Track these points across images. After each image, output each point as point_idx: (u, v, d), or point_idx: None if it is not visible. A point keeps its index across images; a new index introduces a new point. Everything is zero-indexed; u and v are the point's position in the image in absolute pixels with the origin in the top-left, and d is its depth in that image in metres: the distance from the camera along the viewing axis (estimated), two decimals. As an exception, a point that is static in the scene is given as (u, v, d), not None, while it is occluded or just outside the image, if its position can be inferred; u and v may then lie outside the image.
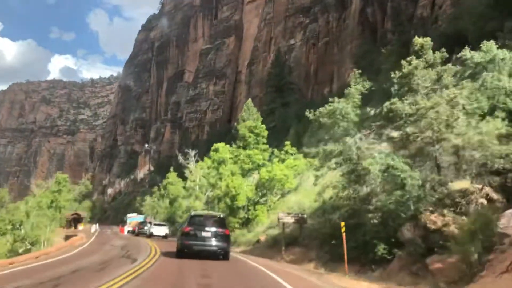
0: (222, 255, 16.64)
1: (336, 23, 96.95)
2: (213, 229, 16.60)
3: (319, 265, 16.10)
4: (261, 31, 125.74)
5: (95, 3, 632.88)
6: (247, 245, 24.36)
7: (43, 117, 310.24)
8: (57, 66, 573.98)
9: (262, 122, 43.38)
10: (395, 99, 15.18)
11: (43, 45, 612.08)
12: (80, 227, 67.76)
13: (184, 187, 49.46)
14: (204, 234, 16.40)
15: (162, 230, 39.76)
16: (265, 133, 31.84)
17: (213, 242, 16.39)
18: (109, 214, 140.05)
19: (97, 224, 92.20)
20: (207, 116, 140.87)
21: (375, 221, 14.17)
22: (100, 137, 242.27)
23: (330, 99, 18.63)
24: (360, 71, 17.94)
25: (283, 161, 29.31)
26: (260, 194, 27.74)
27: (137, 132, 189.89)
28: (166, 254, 17.86)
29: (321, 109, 18.54)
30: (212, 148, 30.07)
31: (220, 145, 30.69)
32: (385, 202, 14.31)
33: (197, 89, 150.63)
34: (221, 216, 18.58)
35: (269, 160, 31.08)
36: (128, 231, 57.99)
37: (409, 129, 14.59)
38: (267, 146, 31.75)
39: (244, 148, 30.82)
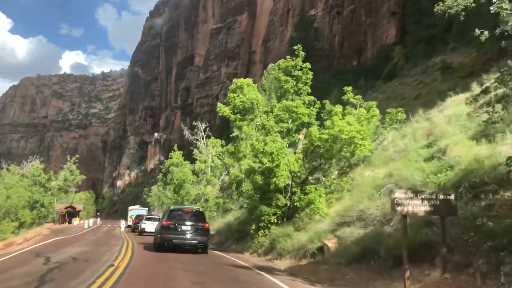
0: (201, 248, 16.54)
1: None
2: (193, 222, 16.57)
3: None
4: (277, 3, 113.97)
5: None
6: (298, 257, 13.36)
7: (54, 111, 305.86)
8: (68, 62, 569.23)
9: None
10: None
11: (53, 42, 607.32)
12: (75, 221, 57.82)
13: (193, 171, 38.57)
14: (184, 227, 16.39)
15: (155, 226, 30.00)
16: (310, 76, 20.52)
17: (193, 235, 16.30)
18: (118, 207, 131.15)
19: (98, 219, 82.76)
20: (220, 100, 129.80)
21: None
22: (112, 130, 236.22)
23: None
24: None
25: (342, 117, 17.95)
26: (310, 167, 16.62)
27: (146, 121, 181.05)
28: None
29: None
30: (232, 86, 18.41)
31: (245, 81, 19.08)
32: None
33: (208, 72, 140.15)
34: (200, 209, 18.78)
35: (317, 119, 19.81)
36: (129, 226, 47.77)
37: None
38: (313, 98, 20.45)
39: (279, 99, 19.67)
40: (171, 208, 18.08)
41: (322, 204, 14.79)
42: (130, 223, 48.58)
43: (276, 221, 16.69)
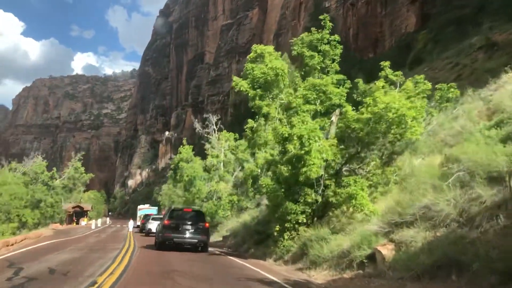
0: (201, 247, 16.94)
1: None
2: (193, 222, 16.99)
3: None
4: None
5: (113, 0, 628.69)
6: (339, 267, 10.40)
7: (67, 112, 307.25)
8: (80, 63, 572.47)
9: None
10: None
11: (65, 44, 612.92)
12: (83, 222, 55.62)
13: (204, 168, 35.75)
14: (184, 227, 16.83)
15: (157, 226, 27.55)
16: (338, 51, 17.57)
17: (193, 234, 16.74)
18: (129, 207, 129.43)
19: (108, 219, 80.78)
20: (232, 97, 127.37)
21: None
22: (124, 130, 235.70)
23: None
24: None
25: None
26: (345, 155, 13.68)
27: (157, 120, 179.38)
28: None
29: None
30: (250, 55, 15.33)
31: (266, 48, 16.06)
32: None
33: (218, 69, 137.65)
34: (200, 209, 20.95)
35: (347, 101, 16.77)
36: (138, 226, 45.14)
37: None
38: (344, 76, 17.51)
39: (303, 78, 16.68)
40: (172, 208, 19.35)
41: (365, 199, 11.79)
42: (139, 223, 46.13)
43: (304, 221, 13.75)
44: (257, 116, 15.39)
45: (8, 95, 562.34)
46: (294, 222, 13.81)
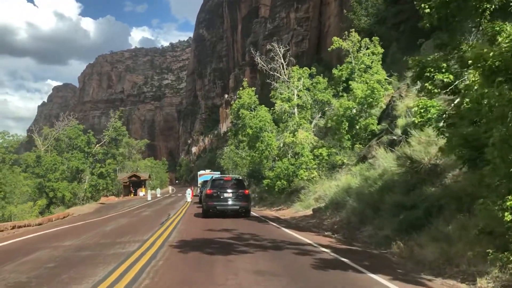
0: (243, 212, 18.16)
1: None
2: (234, 190, 18.30)
3: None
4: None
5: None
6: None
7: (130, 86, 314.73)
8: (136, 38, 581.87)
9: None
10: None
11: (121, 20, 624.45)
12: (141, 192, 50.35)
13: (273, 119, 26.89)
14: (226, 195, 18.13)
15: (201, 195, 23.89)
16: None
17: (234, 201, 17.99)
18: (194, 174, 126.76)
19: (170, 187, 76.45)
20: (290, 50, 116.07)
21: None
22: (185, 99, 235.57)
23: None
24: None
25: None
26: None
27: (216, 84, 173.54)
28: None
29: None
30: None
31: None
32: None
33: (275, 21, 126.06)
34: (240, 178, 20.85)
35: None
36: (196, 196, 38.09)
37: None
38: None
39: None
40: (213, 178, 20.52)
41: None
42: (198, 192, 39.17)
43: None
44: None
45: (75, 74, 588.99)
46: None
